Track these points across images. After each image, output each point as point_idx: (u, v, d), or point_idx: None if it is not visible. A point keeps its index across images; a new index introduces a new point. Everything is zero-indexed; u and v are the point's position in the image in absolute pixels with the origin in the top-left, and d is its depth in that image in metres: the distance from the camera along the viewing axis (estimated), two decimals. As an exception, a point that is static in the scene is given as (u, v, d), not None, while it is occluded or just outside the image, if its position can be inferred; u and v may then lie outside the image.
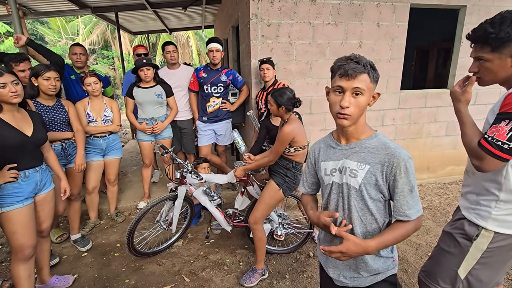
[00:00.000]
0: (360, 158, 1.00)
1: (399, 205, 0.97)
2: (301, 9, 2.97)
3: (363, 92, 0.93)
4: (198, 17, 6.91)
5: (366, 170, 0.98)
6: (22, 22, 2.64)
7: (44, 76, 2.12)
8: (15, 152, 1.64)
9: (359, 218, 1.04)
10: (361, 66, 0.92)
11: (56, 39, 14.99)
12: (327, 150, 1.11)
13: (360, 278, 1.08)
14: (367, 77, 0.93)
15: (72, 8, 5.12)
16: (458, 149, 3.85)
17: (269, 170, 2.17)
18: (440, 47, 5.80)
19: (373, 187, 0.99)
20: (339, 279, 1.13)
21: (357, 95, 0.93)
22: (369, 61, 0.95)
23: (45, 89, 2.15)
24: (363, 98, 0.94)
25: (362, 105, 0.94)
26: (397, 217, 0.99)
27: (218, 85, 3.10)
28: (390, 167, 0.96)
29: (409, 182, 0.95)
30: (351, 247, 0.93)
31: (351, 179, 1.01)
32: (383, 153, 0.97)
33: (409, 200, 0.96)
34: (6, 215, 1.63)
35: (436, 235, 2.71)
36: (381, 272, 1.08)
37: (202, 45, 16.77)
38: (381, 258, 1.07)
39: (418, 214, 0.98)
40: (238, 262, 2.37)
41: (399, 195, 0.96)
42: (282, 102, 1.92)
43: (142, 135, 3.10)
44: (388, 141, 1.00)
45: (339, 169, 1.04)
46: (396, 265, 1.11)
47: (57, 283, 2.09)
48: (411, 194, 0.96)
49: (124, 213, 3.17)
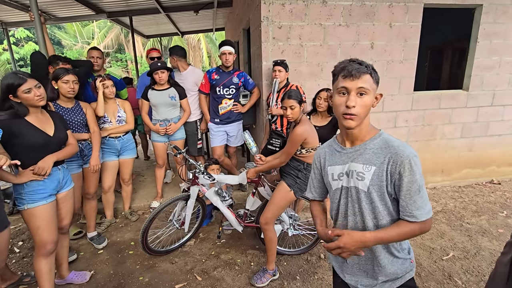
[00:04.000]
0: (365, 160, 0.98)
1: (405, 205, 0.93)
2: (312, 11, 2.98)
3: (367, 92, 0.94)
4: (210, 20, 7.01)
5: (372, 171, 0.96)
6: (44, 28, 2.76)
7: (63, 79, 2.21)
8: (40, 151, 1.73)
9: (372, 222, 1.01)
10: (363, 66, 0.94)
11: (72, 43, 15.50)
12: (332, 154, 1.09)
13: (378, 285, 1.05)
14: (370, 78, 0.95)
15: (89, 13, 5.30)
16: (474, 152, 3.76)
17: (280, 171, 2.18)
18: (455, 47, 5.67)
19: (381, 188, 0.96)
20: (356, 286, 1.10)
21: (362, 95, 0.94)
22: (370, 64, 0.97)
23: (64, 92, 2.25)
24: (368, 98, 0.95)
25: (368, 104, 0.95)
26: (404, 217, 0.94)
27: (230, 87, 3.14)
28: (395, 165, 0.93)
29: (416, 181, 0.91)
30: (347, 240, 0.93)
31: (359, 182, 0.99)
32: (386, 152, 0.95)
33: (417, 200, 0.92)
34: (30, 211, 1.71)
35: (451, 239, 2.65)
36: (400, 277, 1.04)
37: (212, 48, 16.96)
38: (399, 259, 1.04)
39: (427, 216, 0.92)
40: (249, 262, 2.40)
41: (405, 194, 0.92)
42: (299, 97, 1.93)
43: (156, 136, 3.17)
44: (391, 139, 0.98)
45: (346, 173, 1.03)
46: (413, 267, 1.08)
47: (75, 279, 2.17)
48: (419, 193, 0.91)
49: (138, 212, 3.25)
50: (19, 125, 1.66)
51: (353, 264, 1.09)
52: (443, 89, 3.78)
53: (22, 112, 1.68)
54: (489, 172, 3.88)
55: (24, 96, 1.65)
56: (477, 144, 3.74)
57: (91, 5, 4.93)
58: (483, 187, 3.76)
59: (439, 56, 6.13)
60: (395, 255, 1.04)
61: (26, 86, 1.64)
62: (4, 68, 12.11)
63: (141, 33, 8.14)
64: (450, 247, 2.55)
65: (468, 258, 2.39)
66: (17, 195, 1.71)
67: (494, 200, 3.39)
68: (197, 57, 17.32)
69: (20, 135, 1.65)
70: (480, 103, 3.60)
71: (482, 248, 2.52)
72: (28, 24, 5.70)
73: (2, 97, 1.65)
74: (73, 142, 1.97)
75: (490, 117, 3.68)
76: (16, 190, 1.71)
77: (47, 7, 4.77)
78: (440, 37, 5.69)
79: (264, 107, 3.19)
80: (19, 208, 1.72)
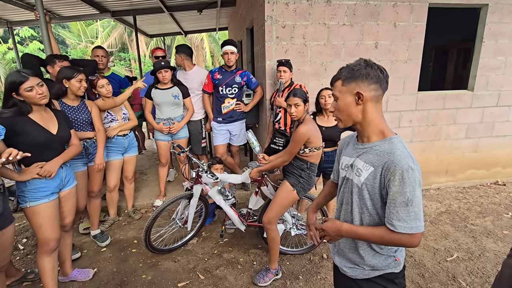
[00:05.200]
0: (367, 159, 1.03)
1: (388, 212, 0.96)
2: (316, 10, 2.97)
3: (338, 96, 1.05)
4: (213, 20, 7.01)
5: (369, 171, 1.01)
6: (49, 27, 2.77)
7: (77, 78, 2.23)
8: (42, 149, 1.74)
9: (358, 215, 1.08)
10: (339, 72, 1.05)
11: (76, 42, 15.58)
12: (349, 145, 1.18)
13: (359, 270, 1.13)
14: (339, 82, 1.04)
15: (93, 12, 5.33)
16: (479, 152, 3.73)
17: (284, 171, 2.18)
18: (460, 47, 5.62)
19: (373, 189, 1.01)
20: (340, 266, 1.20)
21: (336, 100, 1.07)
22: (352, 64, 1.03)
23: (76, 90, 2.26)
24: (340, 102, 1.05)
25: (341, 108, 1.05)
26: (386, 223, 0.97)
27: (232, 86, 3.14)
28: (387, 171, 0.95)
29: (404, 194, 0.91)
30: (328, 225, 1.09)
31: (356, 177, 1.06)
32: (386, 157, 0.97)
33: (400, 212, 0.92)
34: (33, 209, 1.72)
35: (455, 240, 2.63)
36: (380, 269, 1.09)
37: (215, 47, 16.97)
38: (381, 255, 1.08)
39: (410, 231, 0.92)
40: (252, 262, 2.39)
41: (390, 202, 0.95)
42: (304, 96, 1.93)
43: (159, 135, 3.18)
44: (398, 147, 0.97)
45: (351, 166, 1.10)
46: (398, 265, 1.10)
47: (78, 276, 2.18)
48: (405, 207, 0.91)
49: (141, 210, 3.26)
50: (22, 123, 1.67)
51: (340, 249, 1.21)
52: (448, 89, 3.76)
53: (25, 109, 1.69)
54: (494, 173, 3.85)
55: (26, 94, 1.65)
56: (482, 144, 3.71)
57: (96, 4, 4.95)
58: (487, 188, 3.73)
59: (444, 56, 6.08)
60: (376, 250, 1.08)
61: (28, 84, 1.64)
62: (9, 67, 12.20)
63: (144, 33, 8.16)
64: (455, 248, 2.53)
65: (473, 260, 2.37)
66: (20, 192, 1.72)
67: (499, 201, 3.36)
68: (200, 57, 17.33)
69: (23, 133, 1.66)
70: (486, 103, 3.57)
71: (486, 250, 2.49)
72: (33, 23, 5.74)
73: (5, 95, 1.67)
74: (76, 142, 1.98)
75: (495, 118, 3.64)
76: (18, 187, 1.72)
77: (52, 6, 4.80)
78: (445, 37, 5.65)
79: (267, 107, 3.19)
80: (22, 205, 1.73)
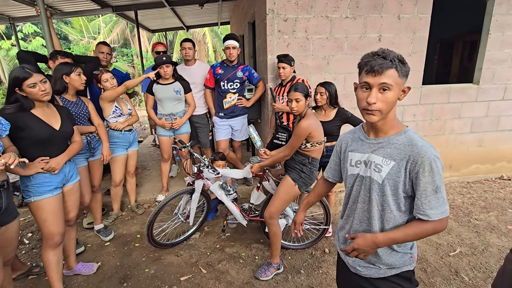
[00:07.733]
0: (386, 153, 1.00)
1: (420, 203, 0.95)
2: (319, 3, 2.93)
3: (390, 88, 0.92)
4: (215, 14, 6.95)
5: (391, 166, 0.98)
6: (50, 22, 2.77)
7: (76, 72, 2.23)
8: (45, 144, 1.75)
9: (378, 213, 1.04)
10: (388, 61, 0.91)
11: (78, 38, 15.57)
12: (355, 141, 1.12)
13: (374, 269, 1.09)
14: (395, 72, 0.92)
15: (94, 8, 5.29)
16: (483, 147, 3.68)
17: (285, 166, 2.17)
18: (465, 40, 5.52)
19: (396, 183, 0.98)
20: (354, 265, 1.15)
21: (384, 91, 0.93)
22: (398, 56, 0.93)
23: (78, 84, 2.26)
24: (391, 94, 0.93)
25: (390, 100, 0.94)
26: (417, 215, 0.97)
27: (234, 81, 3.12)
28: (414, 164, 0.94)
29: (433, 182, 0.92)
30: (360, 242, 1.01)
31: (375, 174, 1.01)
32: (408, 150, 0.96)
33: (431, 200, 0.93)
34: (37, 204, 1.74)
35: (458, 235, 2.62)
36: (396, 267, 1.08)
37: (218, 42, 16.87)
38: (398, 253, 1.07)
39: (441, 216, 0.94)
40: (254, 256, 2.41)
41: (421, 193, 0.94)
42: (306, 91, 1.91)
43: (161, 130, 3.18)
44: (416, 138, 0.98)
45: (365, 162, 1.05)
46: (413, 262, 1.10)
47: (82, 270, 2.21)
48: (435, 194, 0.93)
49: (143, 205, 3.28)
50: (25, 118, 1.68)
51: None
52: (453, 82, 3.69)
53: (27, 105, 1.70)
54: (499, 168, 3.80)
55: (29, 90, 1.66)
56: (487, 139, 3.66)
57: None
58: (492, 183, 3.69)
59: (449, 49, 5.99)
60: (394, 249, 1.07)
61: (31, 80, 1.65)
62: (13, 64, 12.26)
63: (146, 28, 8.12)
64: (457, 243, 2.51)
65: (476, 255, 2.36)
66: (24, 187, 1.74)
67: (504, 196, 3.33)
68: (202, 52, 17.25)
69: (25, 128, 1.67)
70: (491, 97, 3.51)
71: (490, 245, 2.48)
72: (35, 19, 5.73)
73: (8, 90, 1.67)
74: (78, 139, 2.00)
75: (501, 112, 3.58)
76: (23, 182, 1.74)
77: (53, 1, 4.77)
78: (450, 30, 5.55)
79: (269, 101, 3.17)
80: (26, 200, 1.75)
